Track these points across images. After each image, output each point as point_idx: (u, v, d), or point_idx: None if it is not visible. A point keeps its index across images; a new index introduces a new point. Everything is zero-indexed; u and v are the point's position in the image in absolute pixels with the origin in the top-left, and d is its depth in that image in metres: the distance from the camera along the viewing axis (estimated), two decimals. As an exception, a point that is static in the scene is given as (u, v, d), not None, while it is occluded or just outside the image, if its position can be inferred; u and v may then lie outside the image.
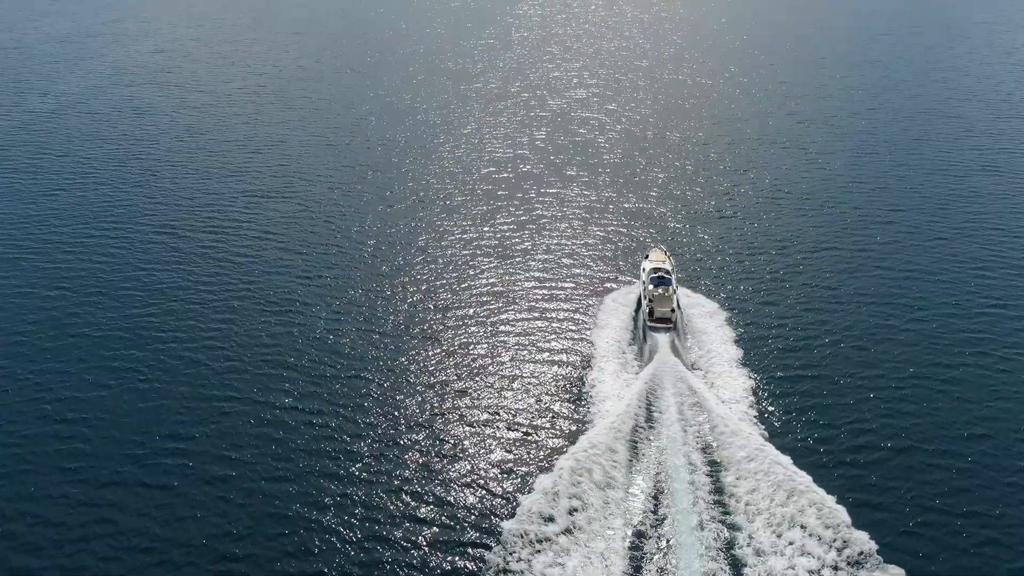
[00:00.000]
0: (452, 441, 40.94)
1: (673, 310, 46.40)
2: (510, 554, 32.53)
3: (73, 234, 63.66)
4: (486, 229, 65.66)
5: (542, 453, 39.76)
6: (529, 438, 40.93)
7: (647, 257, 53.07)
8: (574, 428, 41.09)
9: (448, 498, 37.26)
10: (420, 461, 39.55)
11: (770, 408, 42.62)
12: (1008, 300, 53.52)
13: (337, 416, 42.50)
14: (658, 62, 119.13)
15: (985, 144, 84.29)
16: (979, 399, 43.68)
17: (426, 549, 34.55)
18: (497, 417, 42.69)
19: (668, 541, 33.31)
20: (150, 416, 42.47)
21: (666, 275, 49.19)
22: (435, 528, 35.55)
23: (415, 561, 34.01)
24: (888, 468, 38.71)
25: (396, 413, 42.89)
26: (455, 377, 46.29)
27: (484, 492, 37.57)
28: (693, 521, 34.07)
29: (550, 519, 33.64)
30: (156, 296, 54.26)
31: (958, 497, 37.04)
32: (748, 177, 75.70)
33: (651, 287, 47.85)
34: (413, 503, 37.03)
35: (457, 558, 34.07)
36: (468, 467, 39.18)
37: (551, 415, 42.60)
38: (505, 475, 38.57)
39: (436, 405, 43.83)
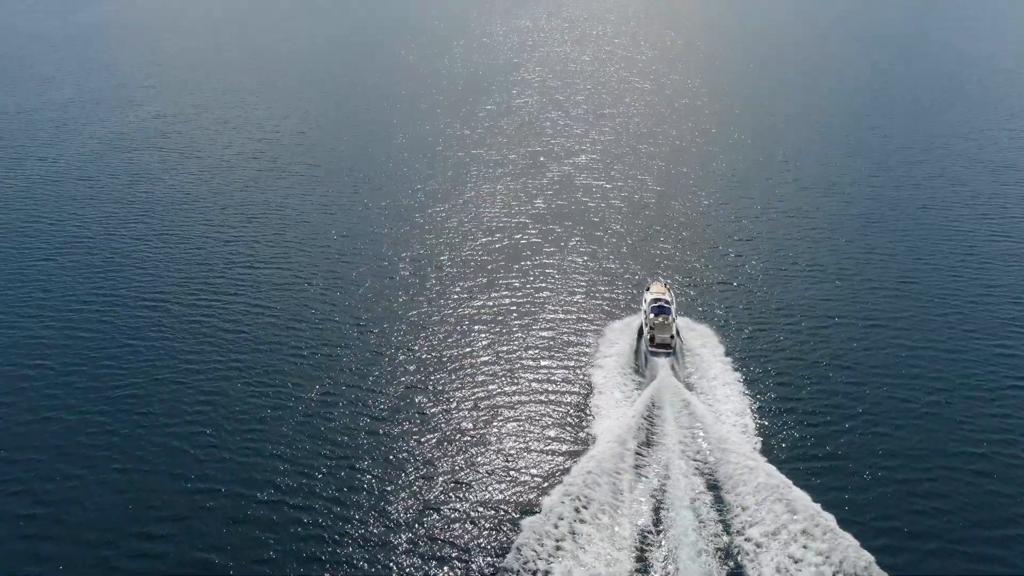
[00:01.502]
0: (462, 460, 43.70)
1: (673, 336, 50.21)
2: (521, 566, 34.40)
3: (58, 307, 61.71)
4: (492, 276, 66.10)
5: (552, 465, 42.84)
6: (539, 451, 44.13)
7: (648, 289, 57.22)
8: (581, 441, 44.57)
9: (458, 514, 39.47)
10: (428, 482, 42.16)
11: (763, 424, 45.97)
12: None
13: (327, 513, 39.77)
14: (659, 126, 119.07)
15: (992, 212, 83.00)
16: (978, 426, 46.27)
17: (434, 565, 36.40)
18: (508, 431, 46.16)
19: (668, 552, 35.34)
20: (123, 512, 39.78)
21: (666, 304, 53.29)
22: (444, 544, 37.46)
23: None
24: (878, 479, 41.89)
25: (391, 490, 40.24)
26: (466, 402, 49.18)
27: (493, 507, 39.81)
28: (691, 526, 36.49)
29: (557, 530, 35.95)
30: (139, 374, 51.98)
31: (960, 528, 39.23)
32: (752, 245, 74.26)
33: (652, 316, 51.83)
34: (420, 520, 39.24)
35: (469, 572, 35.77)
36: (480, 483, 41.70)
37: (559, 430, 46.15)
38: (515, 488, 41.18)
39: (443, 429, 46.62)
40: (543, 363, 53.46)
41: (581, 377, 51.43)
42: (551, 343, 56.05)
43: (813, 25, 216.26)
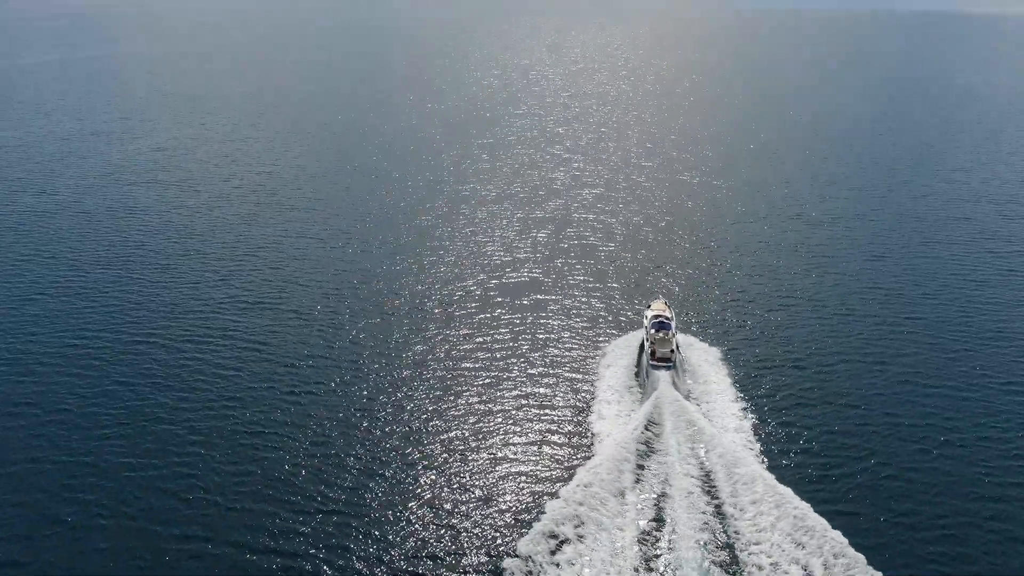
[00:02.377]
0: (464, 470, 44.70)
1: (672, 351, 51.71)
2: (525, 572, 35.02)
3: (50, 343, 60.36)
4: (496, 301, 65.62)
5: (554, 474, 44.00)
6: (542, 460, 45.43)
7: (649, 307, 59.20)
8: (584, 450, 45.90)
9: (463, 520, 40.30)
10: (434, 489, 43.25)
11: (760, 433, 47.51)
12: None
13: (324, 558, 38.10)
14: (661, 158, 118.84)
15: (998, 247, 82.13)
16: (991, 468, 43.08)
17: (442, 568, 36.99)
18: (512, 439, 47.60)
19: (669, 561, 35.64)
20: (104, 569, 38.02)
21: (666, 320, 55.11)
22: (449, 549, 38.17)
23: None
24: (872, 488, 42.73)
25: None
26: (470, 412, 50.81)
27: (498, 514, 40.64)
28: (691, 534, 37.09)
29: (560, 537, 36.54)
30: (129, 415, 50.41)
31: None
32: (753, 277, 73.39)
33: (653, 331, 53.66)
34: (427, 526, 40.00)
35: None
36: (484, 491, 42.62)
37: (563, 439, 47.57)
38: (520, 494, 42.19)
39: (446, 437, 48.01)
40: (547, 376, 55.35)
41: (584, 389, 53.27)
42: (555, 358, 58.02)
43: (816, 63, 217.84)
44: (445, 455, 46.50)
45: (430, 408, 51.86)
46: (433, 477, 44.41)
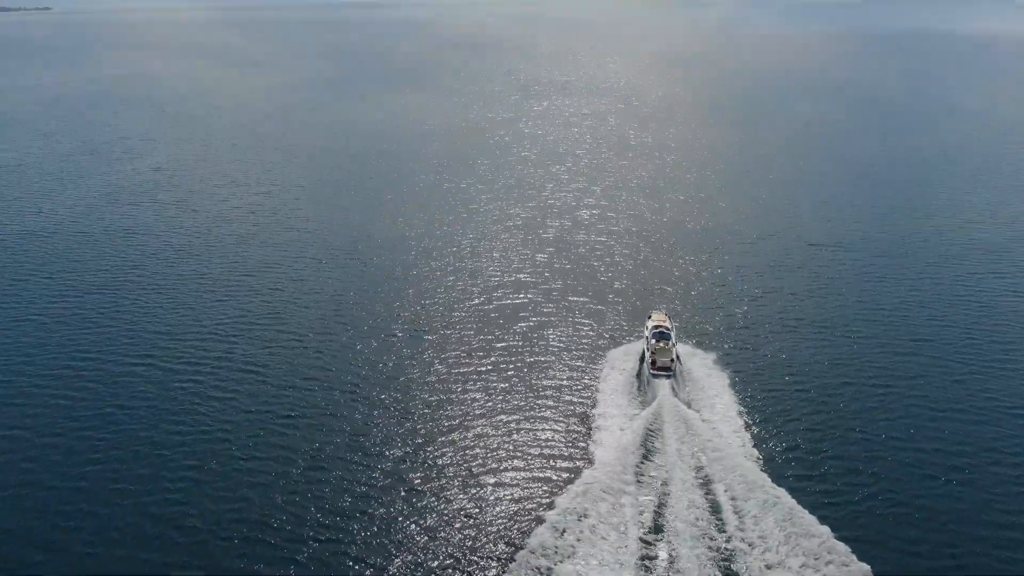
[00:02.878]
0: (471, 474, 45.45)
1: (672, 360, 53.09)
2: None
3: (45, 364, 59.54)
4: (499, 314, 66.50)
5: (557, 478, 44.71)
6: (545, 466, 46.22)
7: (650, 317, 60.34)
8: (586, 457, 46.69)
9: (466, 523, 40.95)
10: (438, 495, 43.77)
11: (758, 439, 48.35)
12: None
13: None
14: (662, 179, 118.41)
15: (1004, 268, 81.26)
16: (1001, 494, 42.76)
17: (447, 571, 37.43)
18: (516, 446, 48.49)
19: (668, 565, 36.10)
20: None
21: (666, 330, 56.50)
22: (451, 552, 38.51)
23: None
24: (872, 495, 43.26)
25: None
26: (474, 421, 51.54)
27: (501, 519, 41.23)
28: (691, 538, 37.54)
29: (562, 541, 37.14)
30: (122, 438, 49.43)
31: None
32: (756, 300, 72.59)
33: (653, 341, 55.10)
34: (431, 530, 40.45)
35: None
36: (487, 496, 43.42)
37: (566, 446, 48.48)
38: (523, 499, 42.83)
39: (449, 445, 48.69)
40: (549, 385, 56.38)
41: (586, 397, 54.32)
42: (557, 367, 59.09)
43: (815, 88, 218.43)
44: (448, 462, 47.00)
45: (432, 416, 52.27)
46: (436, 484, 44.81)
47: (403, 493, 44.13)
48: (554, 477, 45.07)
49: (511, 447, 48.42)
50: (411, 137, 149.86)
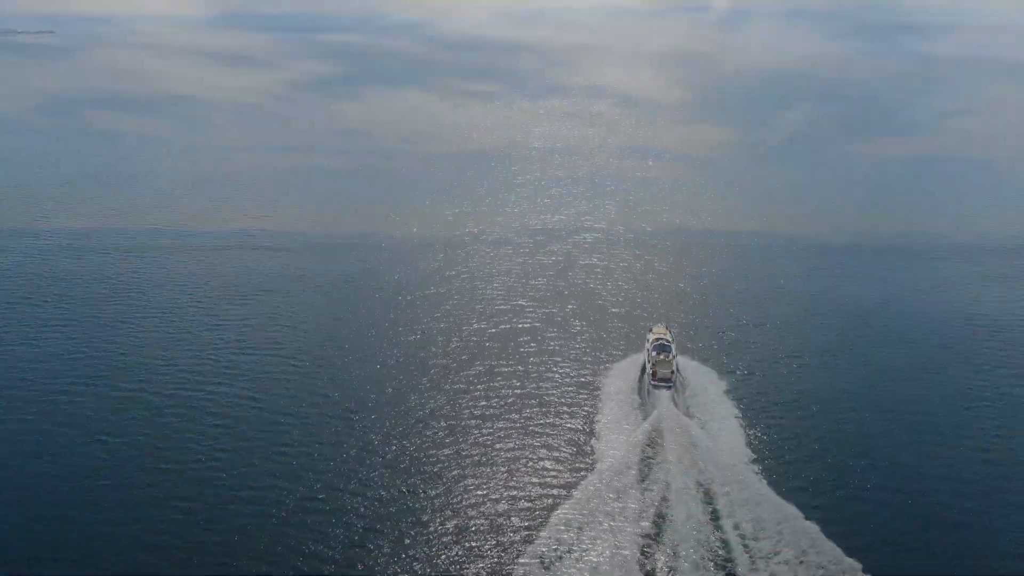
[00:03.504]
0: (475, 480, 46.24)
1: (672, 372, 54.92)
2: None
3: (36, 390, 58.53)
4: (504, 331, 68.17)
5: (560, 484, 45.65)
6: (549, 472, 47.36)
7: (651, 331, 61.99)
8: (588, 464, 47.85)
9: (469, 526, 41.39)
10: (447, 499, 44.44)
11: (754, 447, 49.77)
12: None
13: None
14: (662, 204, 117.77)
15: (1014, 295, 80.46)
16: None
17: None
18: (519, 452, 49.68)
19: (669, 564, 36.88)
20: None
21: (667, 343, 58.23)
22: (455, 557, 38.61)
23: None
24: (864, 499, 44.38)
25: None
26: (479, 428, 52.83)
27: (503, 524, 41.55)
28: (689, 541, 38.30)
29: (564, 547, 37.99)
30: (112, 474, 48.08)
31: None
32: (752, 311, 73.86)
33: (654, 353, 56.71)
34: (435, 541, 40.42)
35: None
36: (489, 501, 43.93)
37: (570, 453, 49.82)
38: (526, 506, 43.34)
39: (458, 451, 49.79)
40: (553, 395, 58.02)
41: (589, 407, 55.85)
42: (561, 379, 60.69)
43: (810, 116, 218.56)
44: (453, 469, 47.90)
45: (437, 423, 53.35)
46: (441, 493, 45.46)
47: (407, 498, 44.87)
48: (557, 484, 45.84)
49: (515, 455, 49.38)
50: (410, 159, 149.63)
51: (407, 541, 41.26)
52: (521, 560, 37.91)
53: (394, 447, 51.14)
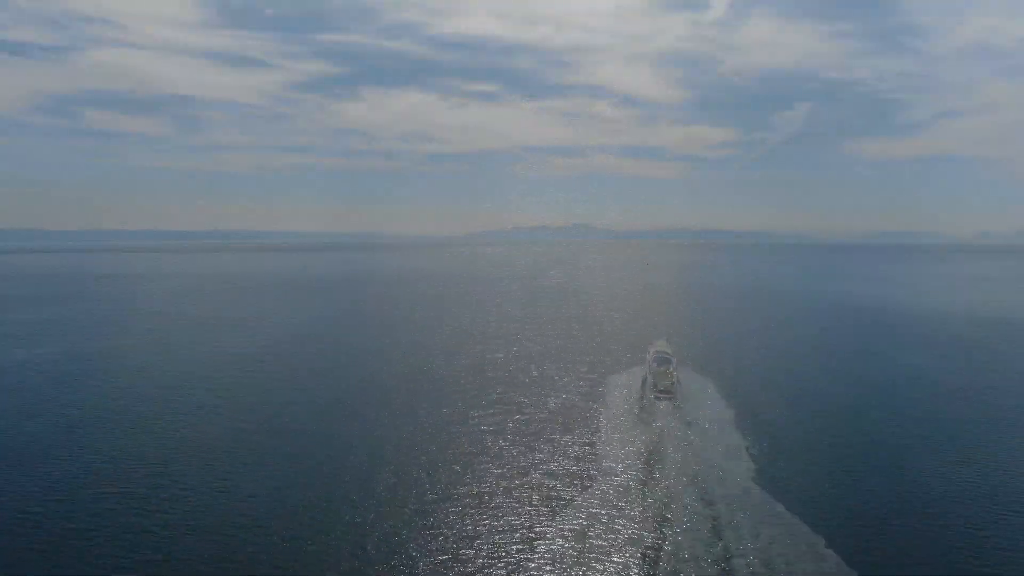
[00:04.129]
0: (477, 487, 45.80)
1: (673, 383, 57.12)
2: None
3: (41, 427, 58.50)
4: (509, 352, 70.48)
5: (561, 494, 45.31)
6: (551, 481, 47.16)
7: (652, 344, 64.74)
8: (591, 473, 47.90)
9: (472, 530, 40.70)
10: (448, 506, 43.76)
11: (754, 455, 50.25)
12: None
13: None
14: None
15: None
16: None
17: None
18: (522, 457, 50.68)
19: (669, 570, 36.65)
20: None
21: (667, 356, 60.64)
22: (459, 562, 37.58)
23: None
24: (862, 502, 43.65)
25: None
26: (483, 436, 53.47)
27: (507, 531, 40.80)
28: (691, 549, 38.26)
29: (565, 553, 37.92)
30: (112, 505, 47.52)
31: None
32: (750, 326, 73.95)
33: (655, 366, 59.21)
34: (440, 544, 39.45)
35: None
36: (491, 507, 43.39)
37: (570, 463, 49.87)
38: (527, 515, 42.71)
39: (462, 462, 49.59)
40: (555, 407, 59.90)
41: (590, 418, 57.25)
42: (564, 391, 62.87)
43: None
44: (455, 476, 48.13)
45: (441, 430, 55.06)
46: (443, 500, 45.19)
47: (408, 504, 44.41)
48: (559, 493, 45.96)
49: (518, 463, 50.08)
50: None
51: (407, 548, 40.65)
52: (523, 568, 37.45)
53: (398, 455, 51.11)
